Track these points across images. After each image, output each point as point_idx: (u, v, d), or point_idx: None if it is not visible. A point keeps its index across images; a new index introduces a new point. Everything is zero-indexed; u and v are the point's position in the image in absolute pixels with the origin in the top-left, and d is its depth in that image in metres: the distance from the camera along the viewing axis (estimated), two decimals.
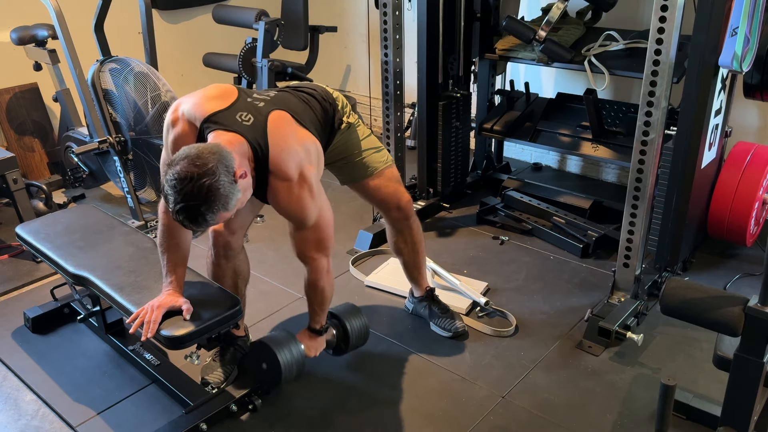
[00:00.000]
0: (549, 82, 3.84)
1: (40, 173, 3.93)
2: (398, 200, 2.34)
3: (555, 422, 2.12)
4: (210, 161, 1.65)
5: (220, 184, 1.65)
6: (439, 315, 2.54)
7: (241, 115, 1.87)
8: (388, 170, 2.30)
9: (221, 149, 1.72)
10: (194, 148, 1.70)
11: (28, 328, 2.64)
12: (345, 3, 4.63)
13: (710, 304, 1.62)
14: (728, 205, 2.81)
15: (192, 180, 1.63)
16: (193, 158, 1.66)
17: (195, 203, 1.65)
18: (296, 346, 2.10)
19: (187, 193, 1.64)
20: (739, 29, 2.22)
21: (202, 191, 1.64)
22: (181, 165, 1.65)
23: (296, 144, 1.89)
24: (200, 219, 1.68)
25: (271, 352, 2.06)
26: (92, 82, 3.20)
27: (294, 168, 1.85)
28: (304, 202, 1.88)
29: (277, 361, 2.05)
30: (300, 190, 1.86)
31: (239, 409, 2.17)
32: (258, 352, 2.13)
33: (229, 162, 1.70)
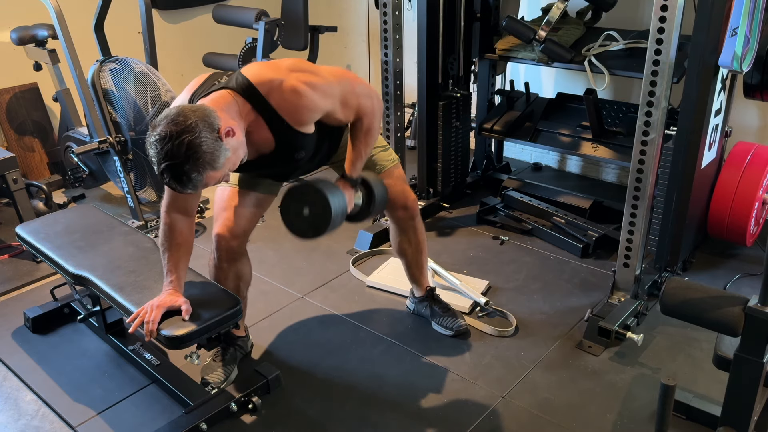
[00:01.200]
0: (549, 82, 3.84)
1: (40, 173, 3.93)
2: (405, 200, 2.34)
3: (555, 422, 2.12)
4: (189, 118, 1.61)
5: (202, 140, 1.61)
6: (441, 314, 2.54)
7: (218, 79, 1.86)
8: (394, 169, 2.31)
9: (202, 107, 1.68)
10: (174, 108, 1.66)
11: (28, 328, 2.64)
12: (345, 3, 4.63)
13: (710, 304, 1.63)
14: (728, 205, 2.81)
15: (172, 138, 1.59)
16: (173, 117, 1.62)
17: (177, 161, 1.61)
18: (342, 195, 1.95)
19: (167, 152, 1.60)
20: (739, 29, 2.22)
21: (182, 149, 1.59)
22: (161, 125, 1.62)
23: (274, 62, 1.88)
24: (185, 179, 1.63)
25: (322, 195, 1.88)
26: (92, 82, 3.20)
27: (278, 71, 1.82)
28: (314, 85, 1.83)
29: (328, 204, 1.87)
30: (297, 79, 1.80)
31: (239, 409, 2.17)
32: (300, 195, 1.95)
33: (211, 119, 1.65)
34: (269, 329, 2.61)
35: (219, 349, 2.31)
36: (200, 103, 1.74)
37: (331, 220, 1.89)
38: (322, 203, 1.88)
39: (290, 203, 1.97)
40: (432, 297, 2.58)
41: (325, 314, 2.69)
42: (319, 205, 1.89)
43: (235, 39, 4.05)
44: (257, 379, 2.23)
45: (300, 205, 1.94)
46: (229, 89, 1.81)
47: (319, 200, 1.89)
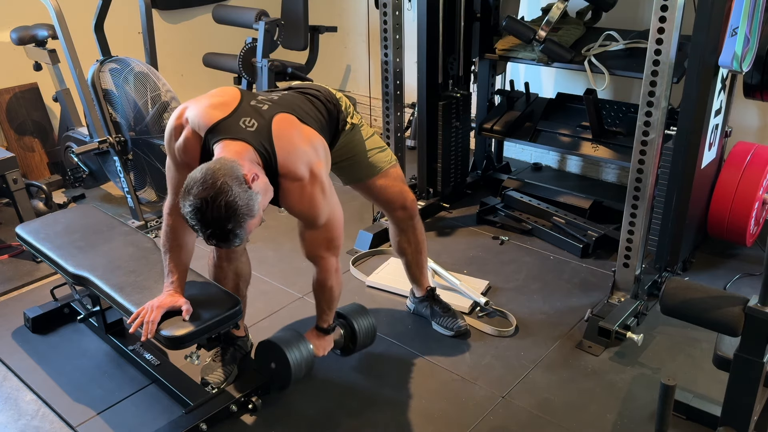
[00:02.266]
0: (549, 82, 3.84)
1: (40, 173, 3.93)
2: (404, 200, 2.35)
3: (555, 422, 2.12)
4: (218, 179, 1.64)
5: (236, 196, 1.64)
6: (441, 314, 2.54)
7: (245, 120, 1.84)
8: (392, 169, 2.31)
9: (225, 162, 1.69)
10: (200, 171, 1.67)
11: (28, 328, 2.64)
12: (345, 3, 4.63)
13: (710, 304, 1.62)
14: (728, 205, 2.81)
15: (209, 205, 1.63)
16: (202, 182, 1.64)
17: (221, 225, 1.65)
18: (305, 345, 2.08)
19: (210, 219, 1.64)
20: (739, 29, 2.22)
21: (221, 211, 1.63)
22: (193, 193, 1.64)
23: (303, 143, 1.88)
24: (231, 236, 1.68)
25: (281, 351, 2.03)
26: (92, 82, 3.20)
27: (304, 167, 1.83)
28: (317, 201, 1.87)
29: (287, 360, 2.02)
30: (312, 189, 1.85)
31: (239, 409, 2.17)
32: (266, 351, 2.11)
33: (236, 172, 1.68)
34: (269, 329, 2.60)
35: (219, 349, 2.31)
36: (220, 158, 1.73)
37: (291, 375, 2.03)
38: (283, 359, 2.03)
39: (259, 358, 2.16)
40: (432, 297, 2.57)
41: None
42: (281, 361, 2.05)
43: (235, 39, 4.06)
44: (257, 379, 2.23)
45: (268, 359, 2.11)
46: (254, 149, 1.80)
47: (280, 357, 2.04)
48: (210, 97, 1.91)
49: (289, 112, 1.92)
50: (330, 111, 2.09)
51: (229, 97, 1.90)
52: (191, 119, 1.86)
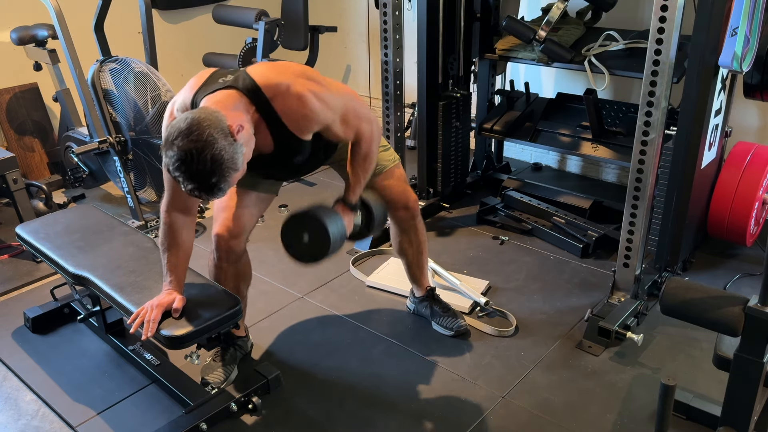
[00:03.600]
0: (549, 82, 3.84)
1: (40, 173, 3.93)
2: (406, 200, 2.34)
3: (555, 422, 2.12)
4: (204, 130, 1.60)
5: (222, 149, 1.61)
6: (441, 314, 2.55)
7: (221, 78, 1.84)
8: (395, 169, 2.30)
9: (209, 112, 1.66)
10: (184, 120, 1.63)
11: (28, 328, 2.64)
12: (345, 3, 4.63)
13: (710, 304, 1.63)
14: (728, 205, 2.81)
15: (194, 158, 1.60)
16: (187, 133, 1.60)
17: (206, 178, 1.63)
18: (340, 220, 1.97)
19: (194, 172, 1.61)
20: (739, 29, 2.22)
21: (206, 165, 1.61)
22: (177, 145, 1.60)
23: (279, 67, 1.87)
24: (216, 190, 1.66)
25: (319, 222, 1.91)
26: (92, 82, 3.20)
27: (284, 76, 1.81)
28: (318, 95, 1.82)
29: (327, 234, 1.90)
30: (303, 86, 1.80)
31: (239, 409, 2.17)
32: (299, 222, 1.97)
33: (221, 123, 1.64)
34: (269, 329, 2.61)
35: (219, 349, 2.31)
36: (206, 106, 1.72)
37: (330, 247, 1.92)
38: (321, 231, 1.91)
39: (290, 229, 1.99)
40: (432, 297, 2.58)
41: (325, 314, 2.69)
42: (318, 233, 1.92)
43: (235, 39, 4.06)
44: (257, 379, 2.24)
45: (299, 231, 1.97)
46: (235, 89, 1.80)
47: (318, 228, 1.92)
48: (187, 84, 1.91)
49: None
50: None
51: (202, 73, 1.90)
52: (178, 105, 1.86)
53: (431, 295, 2.58)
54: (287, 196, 3.72)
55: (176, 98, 1.90)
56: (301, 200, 3.59)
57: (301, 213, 1.97)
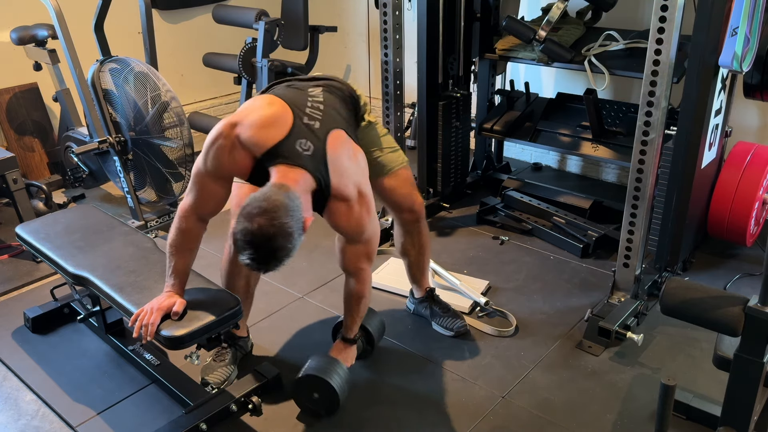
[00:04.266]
0: (549, 82, 3.84)
1: (40, 173, 3.93)
2: (411, 203, 2.35)
3: (555, 422, 2.12)
4: (284, 218, 1.64)
5: (293, 242, 1.68)
6: (441, 314, 2.55)
7: (301, 143, 1.83)
8: (403, 171, 2.30)
9: (293, 199, 1.69)
10: (268, 200, 1.65)
11: (28, 328, 2.64)
12: (345, 3, 4.63)
13: (710, 304, 1.63)
14: (728, 205, 2.81)
15: (265, 240, 1.63)
16: (271, 214, 1.63)
17: (266, 261, 1.68)
18: (341, 367, 2.16)
19: (257, 251, 1.65)
20: (739, 29, 2.22)
21: (273, 251, 1.65)
22: (257, 221, 1.62)
23: (351, 163, 1.93)
24: (268, 270, 1.72)
25: (323, 381, 2.10)
26: (92, 82, 3.20)
27: (353, 187, 1.90)
28: (363, 219, 1.95)
29: (332, 388, 2.10)
30: (360, 208, 1.93)
31: (239, 409, 2.17)
32: (305, 386, 2.15)
33: (300, 213, 1.69)
34: (269, 329, 2.61)
35: (219, 349, 2.31)
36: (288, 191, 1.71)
37: (339, 397, 2.12)
38: (327, 387, 2.11)
39: (300, 393, 2.18)
40: (432, 297, 2.58)
41: (325, 314, 2.69)
42: (324, 390, 2.12)
43: (235, 39, 4.05)
44: (257, 379, 2.23)
45: (309, 392, 2.15)
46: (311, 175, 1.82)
47: (323, 386, 2.11)
48: (260, 114, 1.87)
49: (337, 127, 1.93)
50: (354, 107, 2.13)
51: (281, 114, 1.87)
52: (244, 140, 1.82)
53: (431, 295, 2.58)
54: None
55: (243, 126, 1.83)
56: None
57: (305, 378, 2.13)
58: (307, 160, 1.83)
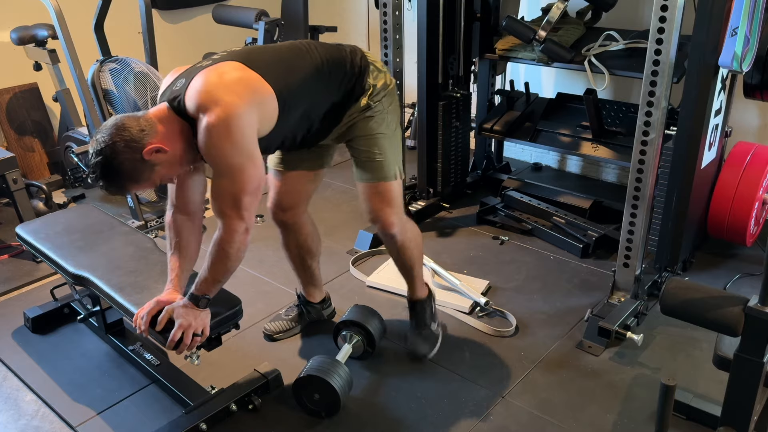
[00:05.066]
0: (549, 82, 3.84)
1: (40, 173, 3.93)
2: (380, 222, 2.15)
3: (555, 422, 2.12)
4: (114, 139, 1.69)
5: (121, 161, 1.70)
6: (413, 330, 2.44)
7: (175, 83, 1.82)
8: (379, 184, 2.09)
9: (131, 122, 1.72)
10: (112, 120, 1.74)
11: (28, 328, 2.64)
12: (345, 3, 4.63)
13: (710, 304, 1.63)
14: (728, 205, 2.81)
15: (95, 157, 1.71)
16: (102, 133, 1.71)
17: (97, 175, 1.74)
18: (342, 368, 2.16)
19: (92, 165, 1.73)
20: (739, 29, 2.22)
21: (98, 168, 1.72)
22: (95, 138, 1.72)
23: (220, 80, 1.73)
24: (108, 187, 1.76)
25: (323, 381, 2.10)
26: (92, 82, 3.20)
27: (210, 102, 1.69)
28: (219, 141, 1.70)
29: (333, 389, 2.10)
30: (215, 126, 1.69)
31: (239, 409, 2.17)
32: (307, 385, 2.14)
33: (135, 142, 1.69)
34: None
35: (291, 305, 2.54)
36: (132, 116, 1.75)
37: (340, 399, 2.12)
38: (328, 388, 2.11)
39: (300, 393, 2.18)
40: (413, 308, 2.45)
41: None
42: (325, 390, 2.11)
43: (235, 39, 4.06)
44: (257, 379, 2.23)
45: (310, 393, 2.15)
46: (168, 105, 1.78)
47: (324, 386, 2.11)
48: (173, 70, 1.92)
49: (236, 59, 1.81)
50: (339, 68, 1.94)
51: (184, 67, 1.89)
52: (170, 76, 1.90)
53: (412, 306, 2.45)
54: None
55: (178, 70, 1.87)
56: None
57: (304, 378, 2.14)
58: (169, 94, 1.80)
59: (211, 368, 2.34)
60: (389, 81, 2.07)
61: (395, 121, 2.12)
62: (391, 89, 2.08)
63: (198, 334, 1.86)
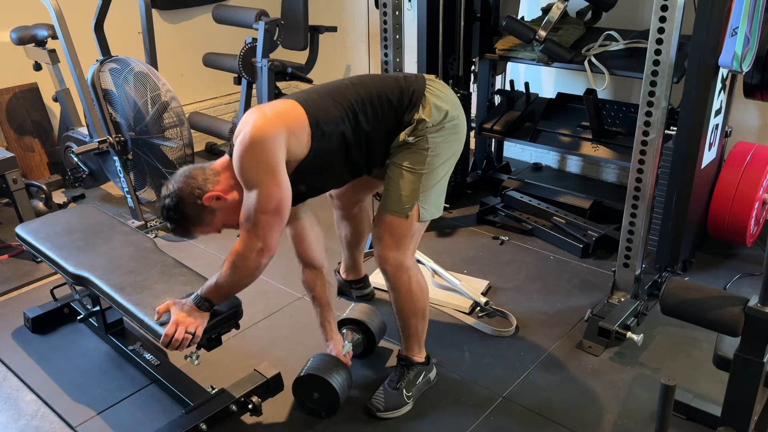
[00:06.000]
0: (549, 82, 3.84)
1: (40, 173, 3.93)
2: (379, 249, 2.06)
3: (555, 422, 2.12)
4: (179, 187, 1.87)
5: (184, 205, 1.86)
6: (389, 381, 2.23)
7: None
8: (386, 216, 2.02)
9: (194, 173, 1.88)
10: (180, 171, 1.91)
11: (28, 328, 2.64)
12: (345, 3, 4.63)
13: (710, 304, 1.63)
14: (728, 205, 2.81)
15: (161, 199, 1.90)
16: (170, 180, 1.90)
17: (165, 218, 1.91)
18: (342, 367, 2.15)
19: (160, 208, 1.92)
20: (739, 29, 2.22)
21: (164, 211, 1.90)
22: (167, 183, 1.91)
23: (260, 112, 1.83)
24: (177, 231, 1.94)
25: (323, 381, 2.10)
26: (92, 82, 3.20)
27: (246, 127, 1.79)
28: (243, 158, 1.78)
29: (333, 388, 2.10)
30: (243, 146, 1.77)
31: (239, 409, 2.16)
32: (306, 384, 2.15)
33: (197, 190, 1.85)
34: (269, 329, 2.61)
35: None
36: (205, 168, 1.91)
37: (339, 399, 2.12)
38: (328, 388, 2.11)
39: (300, 392, 2.19)
40: (399, 362, 2.24)
41: None
42: (325, 389, 2.12)
43: (235, 39, 4.05)
44: (257, 379, 2.23)
45: (309, 392, 2.16)
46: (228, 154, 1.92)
47: (324, 385, 2.11)
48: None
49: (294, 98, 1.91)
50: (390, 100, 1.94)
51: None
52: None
53: (399, 360, 2.24)
54: None
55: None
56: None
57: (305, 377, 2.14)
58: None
59: (211, 368, 2.34)
60: (449, 117, 1.98)
61: (441, 160, 2.03)
62: (450, 125, 2.00)
63: (191, 332, 1.86)
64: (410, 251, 2.07)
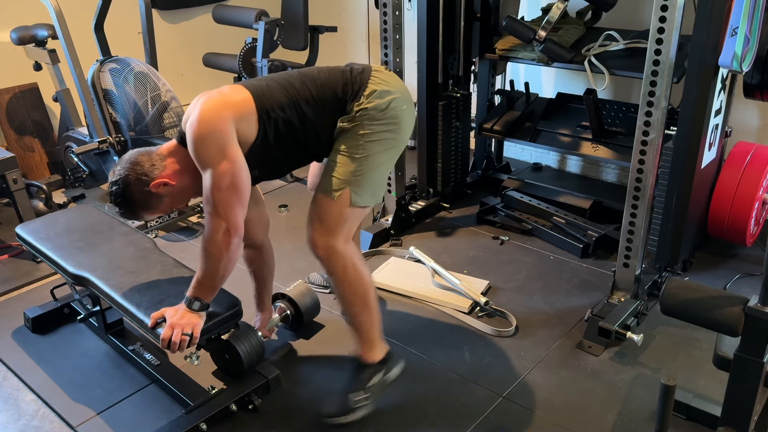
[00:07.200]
0: (549, 82, 3.84)
1: (40, 173, 3.93)
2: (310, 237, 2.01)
3: (555, 422, 2.12)
4: (127, 173, 1.91)
5: (131, 191, 1.91)
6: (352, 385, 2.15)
7: None
8: (319, 196, 1.99)
9: (140, 159, 1.92)
10: (128, 154, 1.96)
11: (28, 328, 2.64)
12: (345, 3, 4.63)
13: (710, 304, 1.63)
14: (728, 205, 2.81)
15: (110, 185, 1.95)
16: (118, 167, 1.94)
17: (113, 203, 1.96)
18: (254, 336, 2.23)
19: (109, 194, 1.97)
20: (739, 29, 2.22)
21: (112, 197, 1.95)
22: (114, 170, 1.95)
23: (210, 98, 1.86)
24: (125, 215, 2.01)
25: (228, 343, 2.18)
26: (92, 82, 3.21)
27: (195, 111, 1.83)
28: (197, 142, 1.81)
29: (236, 350, 2.17)
30: (195, 128, 1.80)
31: (239, 409, 2.17)
32: (218, 348, 2.25)
33: (144, 176, 1.90)
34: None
35: None
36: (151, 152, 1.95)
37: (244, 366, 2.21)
38: (235, 353, 2.20)
39: (215, 354, 2.31)
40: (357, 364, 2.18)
41: (324, 313, 2.68)
42: (233, 354, 2.21)
43: (235, 39, 4.06)
44: (257, 379, 2.23)
45: (221, 352, 2.26)
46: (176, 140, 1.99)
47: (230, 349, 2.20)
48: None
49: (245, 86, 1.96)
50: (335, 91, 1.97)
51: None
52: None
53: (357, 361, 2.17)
54: (287, 196, 3.72)
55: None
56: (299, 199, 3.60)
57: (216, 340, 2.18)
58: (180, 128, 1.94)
59: (211, 368, 2.34)
60: (391, 106, 1.96)
61: (379, 147, 1.98)
62: (392, 114, 1.97)
63: (188, 333, 1.87)
64: (342, 236, 1.98)
